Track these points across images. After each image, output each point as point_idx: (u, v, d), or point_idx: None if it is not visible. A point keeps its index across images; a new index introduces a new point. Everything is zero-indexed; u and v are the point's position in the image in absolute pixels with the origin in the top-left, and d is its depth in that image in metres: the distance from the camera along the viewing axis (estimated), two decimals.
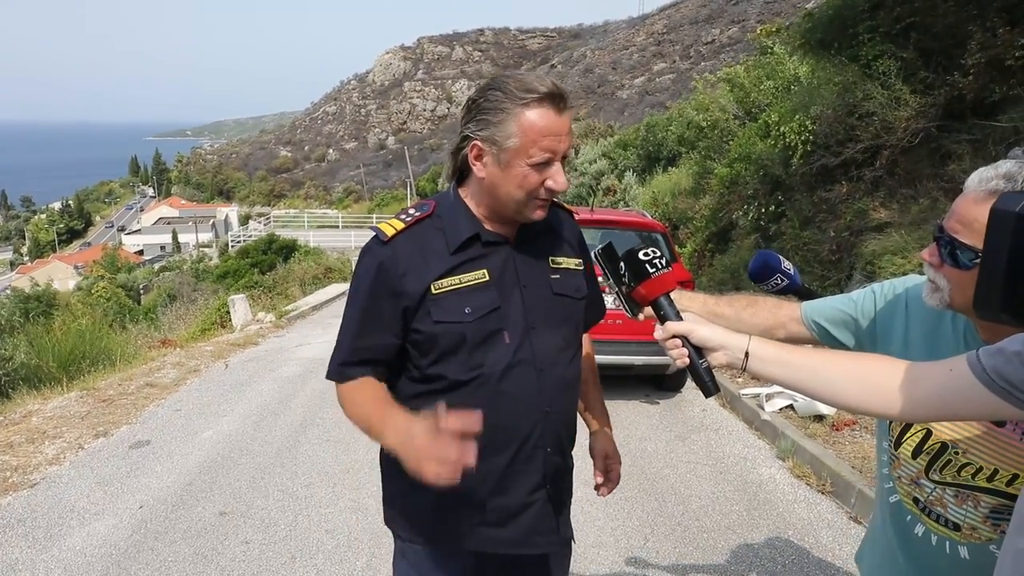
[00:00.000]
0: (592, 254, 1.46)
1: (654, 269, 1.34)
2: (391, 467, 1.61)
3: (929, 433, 1.36)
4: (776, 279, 1.96)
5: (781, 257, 1.98)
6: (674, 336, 1.29)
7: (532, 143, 1.39)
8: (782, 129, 8.69)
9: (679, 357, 1.29)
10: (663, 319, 1.32)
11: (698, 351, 1.28)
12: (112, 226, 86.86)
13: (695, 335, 1.27)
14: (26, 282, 42.95)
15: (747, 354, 1.24)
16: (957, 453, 1.32)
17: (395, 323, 1.49)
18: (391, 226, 1.51)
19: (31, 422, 5.42)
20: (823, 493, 4.17)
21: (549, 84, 1.41)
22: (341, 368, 1.53)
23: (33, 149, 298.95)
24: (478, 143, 1.45)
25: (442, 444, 1.27)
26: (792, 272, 1.97)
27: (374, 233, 1.53)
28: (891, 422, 1.44)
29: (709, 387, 1.29)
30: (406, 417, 1.39)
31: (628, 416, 5.72)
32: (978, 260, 1.18)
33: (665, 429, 5.44)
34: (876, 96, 7.15)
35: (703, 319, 1.32)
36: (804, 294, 2.03)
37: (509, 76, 1.45)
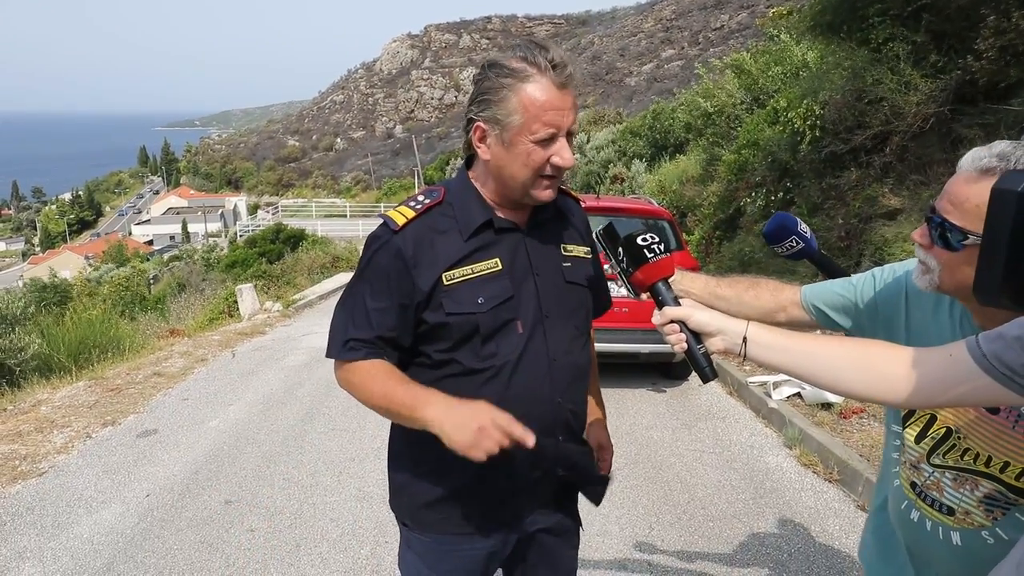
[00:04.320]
0: (594, 235, 1.43)
1: (652, 254, 1.32)
2: (399, 456, 1.60)
3: (934, 418, 1.36)
4: (791, 241, 1.90)
5: (798, 220, 1.93)
6: (672, 321, 1.27)
7: (534, 119, 1.35)
8: (790, 115, 8.61)
9: (677, 342, 1.27)
10: (661, 304, 1.31)
11: (696, 336, 1.26)
12: (98, 235, 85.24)
13: (693, 320, 1.26)
14: (43, 271, 43.22)
15: (745, 339, 1.23)
16: (960, 438, 1.32)
17: (406, 319, 1.44)
18: (401, 214, 1.46)
19: (40, 411, 5.45)
20: (830, 481, 4.14)
21: (549, 55, 1.36)
22: (349, 344, 1.45)
23: (43, 140, 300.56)
24: (480, 124, 1.41)
25: (491, 413, 1.30)
26: (808, 236, 1.91)
27: (383, 221, 1.48)
28: None
29: (707, 372, 1.27)
30: (446, 395, 1.37)
31: (634, 404, 5.71)
32: (966, 241, 1.16)
33: (672, 417, 5.42)
34: (886, 81, 7.06)
35: (701, 304, 1.30)
36: (819, 261, 1.98)
37: (509, 52, 1.40)
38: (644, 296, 1.40)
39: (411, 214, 1.46)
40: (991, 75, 6.33)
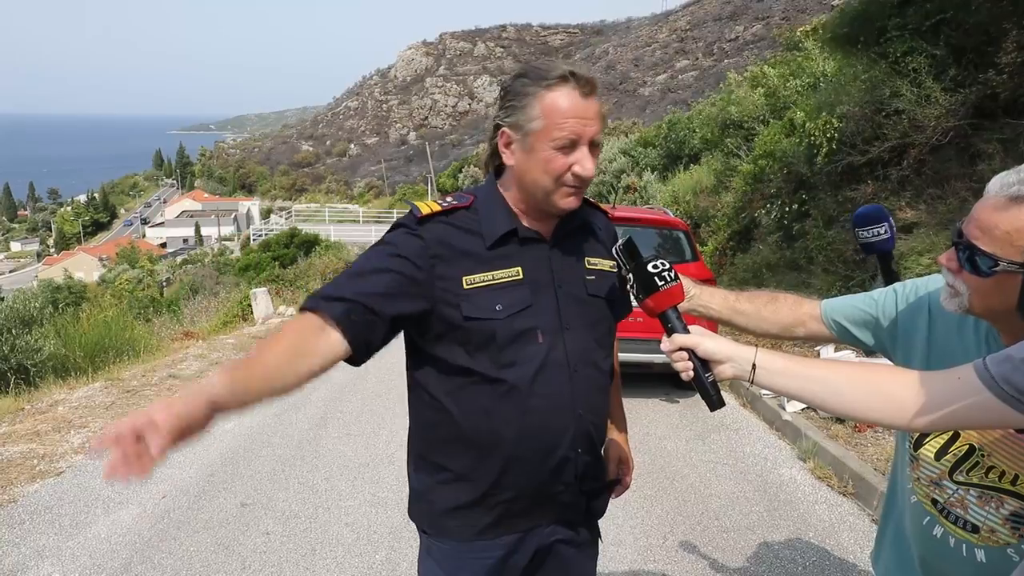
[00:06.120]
0: (613, 250, 1.44)
1: (663, 282, 1.32)
2: (419, 463, 1.60)
3: (956, 435, 1.35)
4: (876, 229, 1.94)
5: (889, 215, 1.97)
6: (680, 349, 1.28)
7: (555, 124, 1.37)
8: (807, 126, 8.60)
9: (684, 370, 1.27)
10: (670, 331, 1.32)
11: (704, 364, 1.27)
12: (97, 245, 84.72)
13: (701, 348, 1.26)
14: (57, 272, 43.59)
15: (754, 366, 1.23)
16: (983, 456, 1.31)
17: (400, 287, 1.39)
18: (428, 206, 1.47)
19: (57, 411, 5.51)
20: (845, 495, 4.12)
21: (575, 67, 1.39)
22: (317, 299, 1.39)
23: (60, 142, 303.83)
24: (506, 130, 1.44)
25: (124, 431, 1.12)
26: (890, 235, 1.94)
27: (409, 208, 1.48)
28: None
29: (714, 400, 1.28)
30: (209, 390, 1.24)
31: (648, 415, 5.70)
32: (997, 268, 1.16)
33: (685, 428, 5.41)
34: (905, 94, 7.04)
35: (710, 332, 1.31)
36: (886, 266, 2.01)
37: (538, 62, 1.43)
38: None
39: (437, 208, 1.47)
40: (1012, 89, 6.31)
